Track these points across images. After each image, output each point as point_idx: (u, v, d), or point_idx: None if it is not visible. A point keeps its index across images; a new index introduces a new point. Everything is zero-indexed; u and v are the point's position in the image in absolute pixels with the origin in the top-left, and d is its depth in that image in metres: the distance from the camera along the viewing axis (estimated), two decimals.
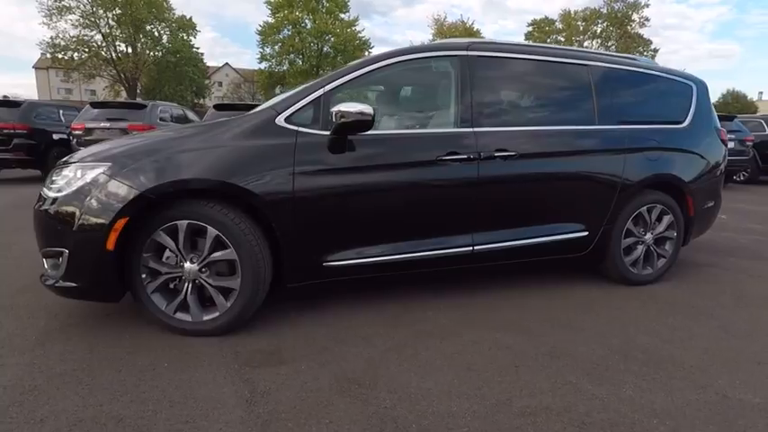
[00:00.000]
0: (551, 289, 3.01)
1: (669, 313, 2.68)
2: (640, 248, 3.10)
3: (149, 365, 1.97)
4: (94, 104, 8.50)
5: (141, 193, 2.03)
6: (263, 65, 35.79)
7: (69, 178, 2.14)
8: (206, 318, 2.21)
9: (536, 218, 2.77)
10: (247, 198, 2.14)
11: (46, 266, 2.23)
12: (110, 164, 2.09)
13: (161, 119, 8.56)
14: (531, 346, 2.22)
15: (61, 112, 9.17)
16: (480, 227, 2.64)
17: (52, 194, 2.15)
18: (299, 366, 2.00)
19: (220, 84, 58.51)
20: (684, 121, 3.27)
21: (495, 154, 2.56)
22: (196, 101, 37.19)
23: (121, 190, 2.04)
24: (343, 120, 2.16)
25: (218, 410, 1.69)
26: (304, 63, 34.64)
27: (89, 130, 7.95)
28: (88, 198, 2.04)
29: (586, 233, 2.90)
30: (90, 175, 2.08)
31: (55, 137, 8.51)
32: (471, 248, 2.62)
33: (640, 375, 1.98)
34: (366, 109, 2.13)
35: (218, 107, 8.25)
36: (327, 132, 2.28)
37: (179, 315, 2.22)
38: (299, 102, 2.31)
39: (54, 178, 2.22)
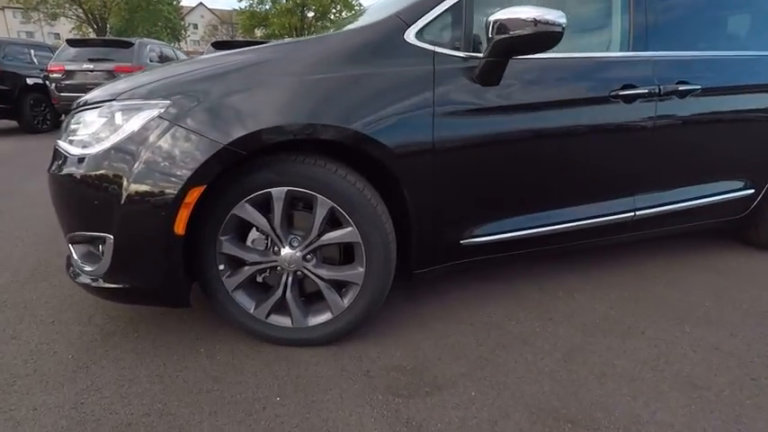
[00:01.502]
0: (711, 261, 2.44)
1: None
2: None
3: (252, 399, 1.35)
4: (72, 42, 7.32)
5: (226, 147, 1.32)
6: (243, 3, 33.12)
7: (102, 126, 1.40)
8: (313, 322, 1.58)
9: (705, 173, 2.14)
10: (374, 152, 1.46)
11: (75, 255, 1.55)
12: (168, 102, 1.36)
13: (150, 59, 7.49)
14: (743, 345, 1.68)
15: (32, 52, 7.93)
16: (644, 186, 2.00)
17: (77, 151, 1.42)
18: (467, 392, 1.41)
19: (195, 26, 54.76)
20: None
21: (678, 88, 1.89)
22: (173, 44, 34.57)
23: (195, 143, 1.31)
24: (508, 35, 1.44)
25: None
26: (288, 1, 32.07)
27: (70, 73, 6.88)
28: (139, 156, 1.33)
29: (751, 191, 2.30)
30: (137, 121, 1.35)
31: (29, 81, 7.38)
32: (633, 214, 2.00)
33: None
34: (554, 16, 1.41)
35: (216, 45, 7.23)
36: (478, 54, 1.57)
37: (274, 319, 1.58)
38: (433, 9, 1.57)
39: (75, 126, 1.49)
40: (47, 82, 7.20)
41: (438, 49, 1.54)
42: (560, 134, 1.73)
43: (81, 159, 1.40)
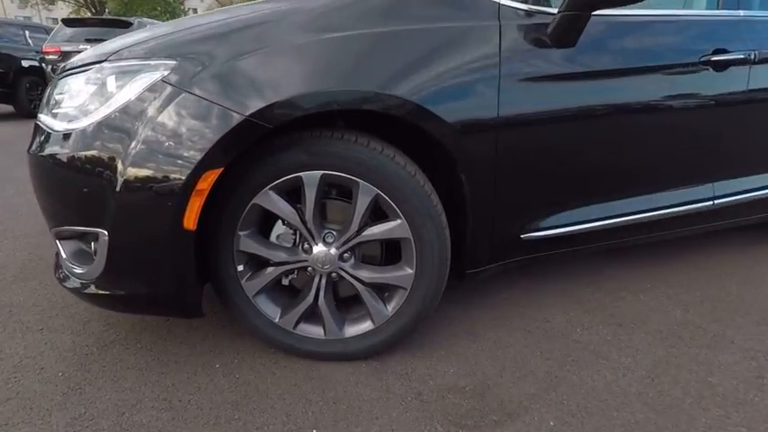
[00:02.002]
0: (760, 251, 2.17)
1: None
2: None
3: (283, 431, 1.12)
4: (68, 22, 6.96)
5: (249, 119, 1.04)
6: None
7: (91, 95, 1.12)
8: (350, 333, 1.32)
9: None
10: (431, 128, 1.17)
11: (63, 254, 1.29)
12: (173, 63, 1.08)
13: None
14: None
15: (27, 33, 7.60)
16: (726, 171, 1.73)
17: (61, 126, 1.15)
18: (544, 421, 1.14)
19: (195, 10, 53.96)
20: None
21: None
22: None
23: (208, 114, 1.03)
24: None
25: None
26: None
27: (66, 55, 6.56)
28: (137, 132, 1.05)
29: None
30: (134, 87, 1.07)
31: (24, 64, 7.07)
32: (712, 203, 1.73)
33: None
34: None
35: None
36: (550, 10, 1.29)
37: (303, 329, 1.32)
38: None
39: (59, 97, 1.21)
40: (42, 64, 6.89)
41: (504, 2, 1.26)
42: (641, 108, 1.44)
43: (66, 136, 1.12)
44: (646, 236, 1.69)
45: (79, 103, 1.12)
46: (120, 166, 1.05)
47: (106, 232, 1.10)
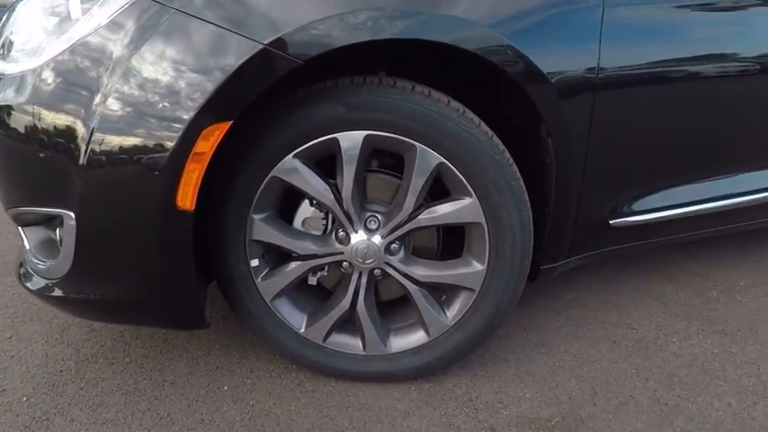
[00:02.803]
0: None
1: None
2: None
3: None
4: None
5: (268, 49, 0.72)
6: None
7: (46, 23, 0.82)
8: (398, 347, 1.01)
9: None
10: (520, 78, 0.86)
11: (27, 244, 1.00)
12: None
13: None
14: None
15: None
16: None
17: (14, 68, 0.82)
18: None
19: None
20: None
21: None
22: None
23: (211, 43, 0.72)
24: None
25: None
26: None
27: None
28: (110, 73, 0.75)
29: None
30: (106, 9, 0.76)
31: None
32: None
33: None
34: None
35: None
36: None
37: (336, 341, 1.02)
38: None
39: (9, 31, 0.89)
40: None
41: None
42: (744, 68, 1.11)
43: (12, 81, 0.82)
44: (751, 222, 1.37)
45: (29, 36, 0.82)
46: (81, 127, 0.75)
47: (72, 215, 0.80)
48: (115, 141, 0.74)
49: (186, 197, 0.76)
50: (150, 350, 1.18)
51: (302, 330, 1.01)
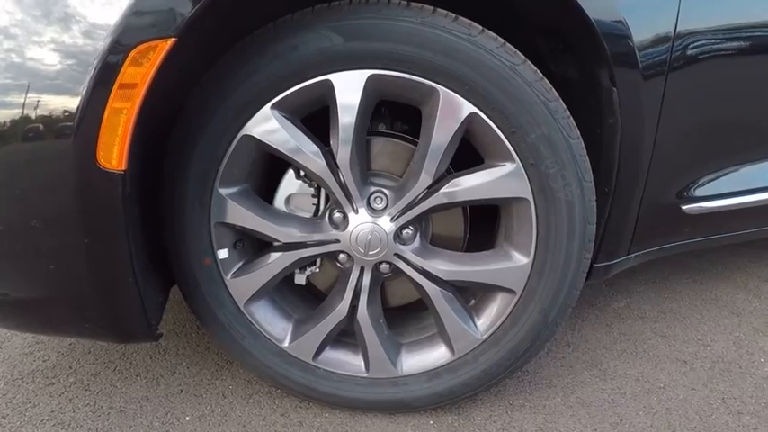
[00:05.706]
0: None
1: None
2: None
3: None
4: None
5: None
6: None
7: None
8: (411, 368, 0.76)
9: None
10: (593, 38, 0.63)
11: None
12: None
13: None
14: None
15: None
16: None
17: None
18: None
19: None
20: None
21: None
22: None
23: None
24: None
25: None
26: None
27: None
28: None
29: None
30: None
31: None
32: None
33: None
34: None
35: None
36: None
37: (330, 359, 0.78)
38: None
39: None
40: None
41: None
42: None
43: None
44: None
45: None
46: None
47: None
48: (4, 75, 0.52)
49: (110, 151, 0.53)
50: (102, 367, 0.95)
51: (286, 344, 0.76)
